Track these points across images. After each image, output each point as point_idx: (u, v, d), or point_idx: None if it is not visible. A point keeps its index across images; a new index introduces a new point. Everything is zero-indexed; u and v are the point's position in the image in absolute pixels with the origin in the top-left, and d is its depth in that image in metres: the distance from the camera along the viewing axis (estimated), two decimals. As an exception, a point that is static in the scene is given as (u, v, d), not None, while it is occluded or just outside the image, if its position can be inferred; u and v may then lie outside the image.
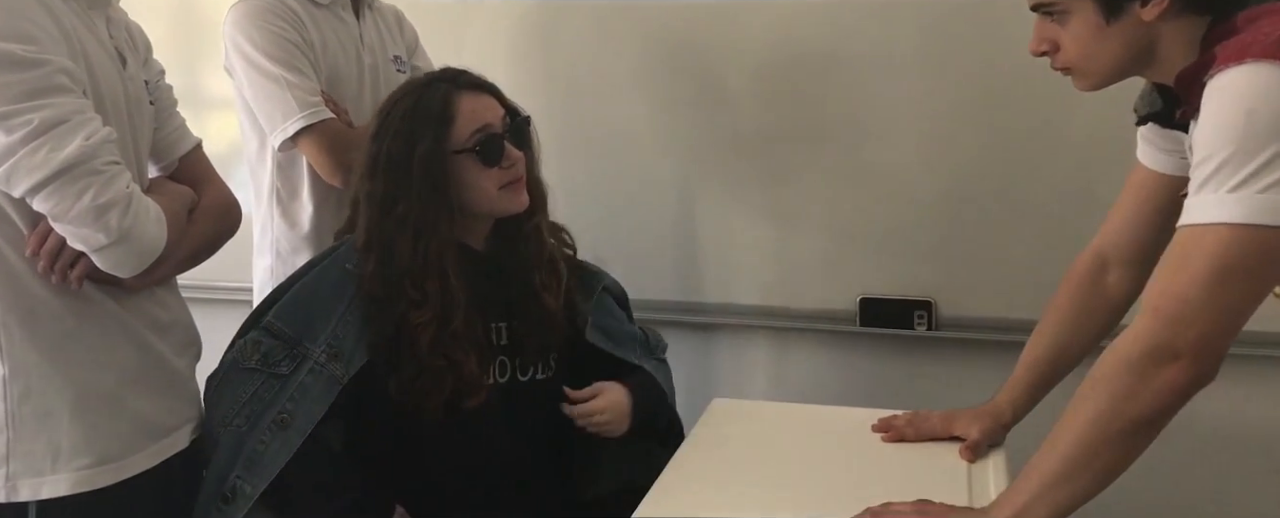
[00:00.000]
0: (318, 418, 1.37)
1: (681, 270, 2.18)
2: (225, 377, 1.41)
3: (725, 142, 2.13)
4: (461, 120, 1.41)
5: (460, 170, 1.41)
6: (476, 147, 1.41)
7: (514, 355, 1.50)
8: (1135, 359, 1.06)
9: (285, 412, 1.36)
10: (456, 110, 1.41)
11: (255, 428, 1.36)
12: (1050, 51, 1.21)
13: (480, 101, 1.44)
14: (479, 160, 1.42)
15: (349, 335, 1.41)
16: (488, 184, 1.43)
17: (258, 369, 1.38)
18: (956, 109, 2.00)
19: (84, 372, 1.24)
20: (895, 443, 1.47)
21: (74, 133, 1.15)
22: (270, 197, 1.86)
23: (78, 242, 1.17)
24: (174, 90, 1.47)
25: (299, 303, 1.43)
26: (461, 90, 1.43)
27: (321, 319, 1.41)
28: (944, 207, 2.03)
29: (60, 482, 1.22)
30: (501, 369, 1.50)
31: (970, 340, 2.04)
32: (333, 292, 1.43)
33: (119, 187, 1.18)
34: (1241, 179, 1.01)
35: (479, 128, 1.42)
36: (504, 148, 1.43)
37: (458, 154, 1.41)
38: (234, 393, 1.38)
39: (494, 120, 1.44)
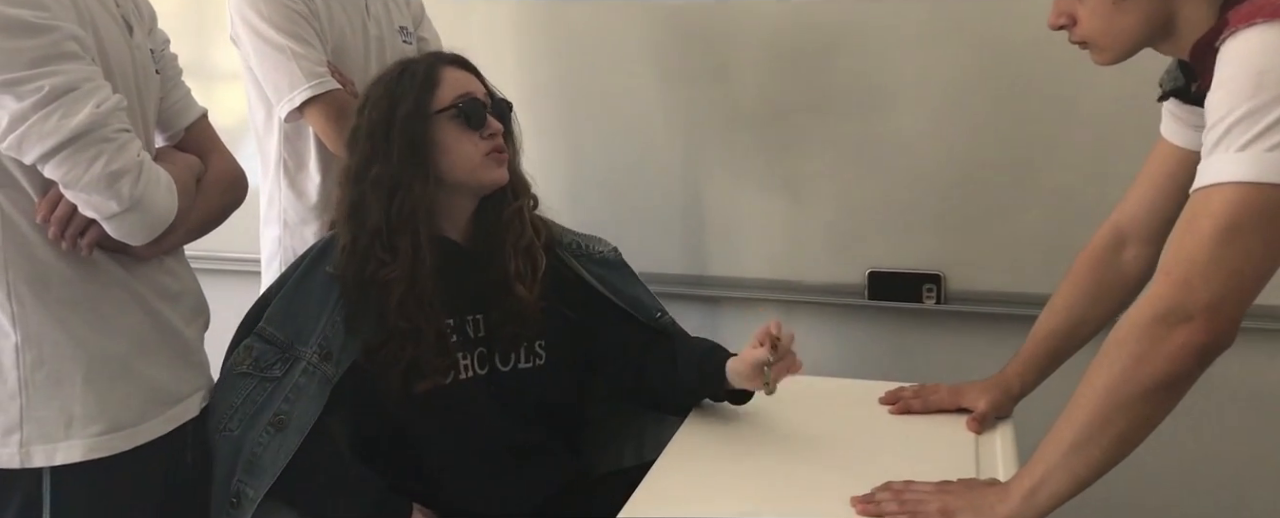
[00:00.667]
0: (314, 417, 1.37)
1: (689, 244, 2.18)
2: (219, 384, 1.41)
3: (733, 115, 2.12)
4: (445, 86, 1.43)
5: (441, 133, 1.42)
6: (459, 105, 1.42)
7: (492, 346, 1.49)
8: (1147, 322, 1.05)
9: (282, 413, 1.36)
10: (440, 77, 1.43)
11: (251, 430, 1.36)
12: (1068, 25, 1.20)
13: (465, 76, 1.46)
14: (461, 122, 1.42)
15: (337, 335, 1.41)
16: (469, 149, 1.42)
17: (250, 374, 1.39)
18: (968, 81, 1.99)
19: (96, 339, 1.24)
20: (902, 415, 1.48)
21: (85, 100, 1.14)
22: (277, 167, 1.86)
23: (89, 209, 1.17)
24: (179, 60, 1.46)
25: (288, 307, 1.43)
26: (448, 63, 1.45)
27: (310, 322, 1.41)
28: (954, 180, 2.02)
29: (73, 448, 1.22)
30: (481, 361, 1.49)
31: (979, 314, 2.04)
32: (319, 294, 1.43)
33: (130, 154, 1.18)
34: (1250, 138, 1.00)
35: (462, 93, 1.43)
36: (486, 115, 1.44)
37: (439, 114, 1.42)
38: (227, 399, 1.39)
39: (477, 90, 1.45)
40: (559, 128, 2.16)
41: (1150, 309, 1.05)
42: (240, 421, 1.37)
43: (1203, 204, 1.03)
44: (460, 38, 2.01)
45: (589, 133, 2.18)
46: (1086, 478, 1.09)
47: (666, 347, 1.53)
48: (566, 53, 2.19)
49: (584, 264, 1.56)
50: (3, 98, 1.13)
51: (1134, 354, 1.05)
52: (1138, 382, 1.05)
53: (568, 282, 1.54)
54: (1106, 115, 1.90)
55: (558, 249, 1.56)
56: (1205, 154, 1.05)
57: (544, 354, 1.52)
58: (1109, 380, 1.07)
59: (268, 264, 1.92)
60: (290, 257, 1.84)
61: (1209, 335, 1.02)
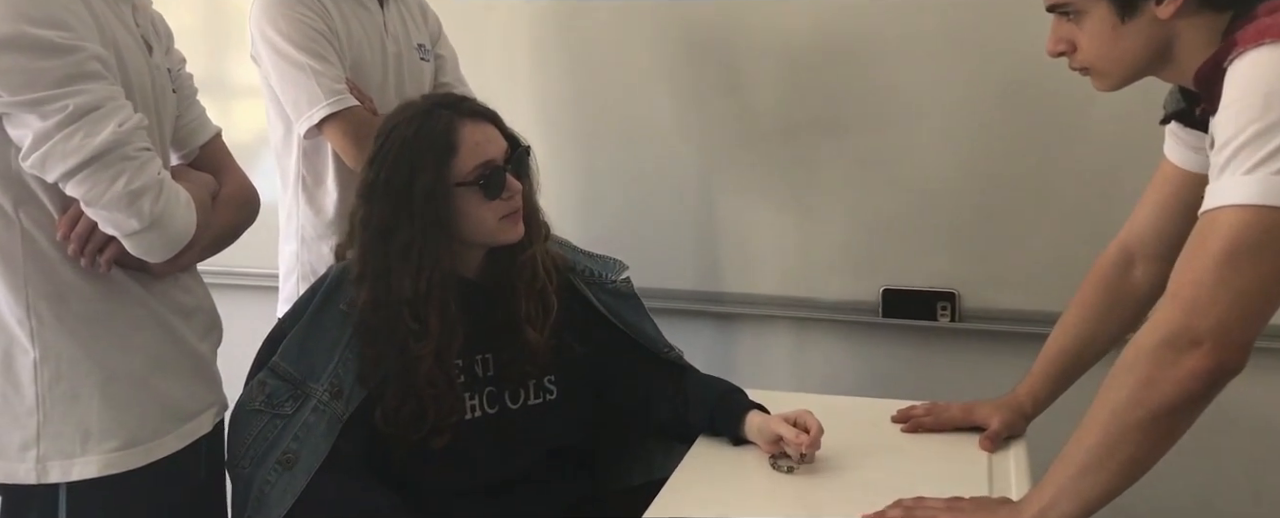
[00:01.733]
0: (323, 456, 1.37)
1: (702, 260, 2.17)
2: (234, 418, 1.41)
3: (747, 131, 2.12)
4: (464, 151, 1.39)
5: (460, 201, 1.39)
6: (479, 179, 1.39)
7: (501, 385, 1.49)
8: (1155, 347, 1.04)
9: (290, 451, 1.37)
10: (459, 140, 1.39)
11: (261, 468, 1.37)
12: (1068, 51, 1.20)
13: (483, 132, 1.41)
14: (480, 193, 1.40)
15: (349, 373, 1.41)
16: (487, 215, 1.41)
17: (262, 410, 1.39)
18: (981, 99, 1.99)
19: (112, 355, 1.25)
20: (915, 434, 1.48)
21: (107, 119, 1.16)
22: (296, 183, 1.87)
23: (110, 227, 1.19)
24: (195, 79, 1.47)
25: (301, 343, 1.42)
26: (464, 119, 1.40)
27: (323, 359, 1.41)
28: (968, 197, 2.02)
29: (90, 464, 1.23)
30: (490, 400, 1.48)
31: (993, 332, 2.03)
32: (332, 331, 1.43)
33: (151, 173, 1.19)
34: (1258, 160, 0.99)
35: (482, 161, 1.39)
36: (505, 180, 1.41)
37: (459, 186, 1.39)
38: (240, 436, 1.39)
39: (496, 154, 1.41)
40: (572, 141, 2.16)
41: (1158, 333, 1.05)
42: (252, 458, 1.37)
43: (1210, 227, 1.03)
44: (476, 53, 2.07)
45: (602, 146, 2.18)
46: (1096, 502, 1.09)
47: (676, 381, 1.53)
48: (581, 66, 2.19)
49: (595, 293, 1.56)
50: (27, 116, 1.15)
51: (1142, 379, 1.04)
52: (1146, 407, 1.05)
53: (578, 310, 1.53)
54: (1120, 132, 1.89)
55: (570, 275, 1.55)
56: (1213, 176, 1.04)
57: (554, 389, 1.52)
58: (1117, 405, 1.06)
59: (285, 279, 1.93)
60: (307, 271, 1.87)
61: (1217, 361, 1.01)
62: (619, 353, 1.55)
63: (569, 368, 1.52)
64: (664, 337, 1.60)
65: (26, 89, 1.13)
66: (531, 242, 1.48)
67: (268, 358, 1.43)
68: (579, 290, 1.55)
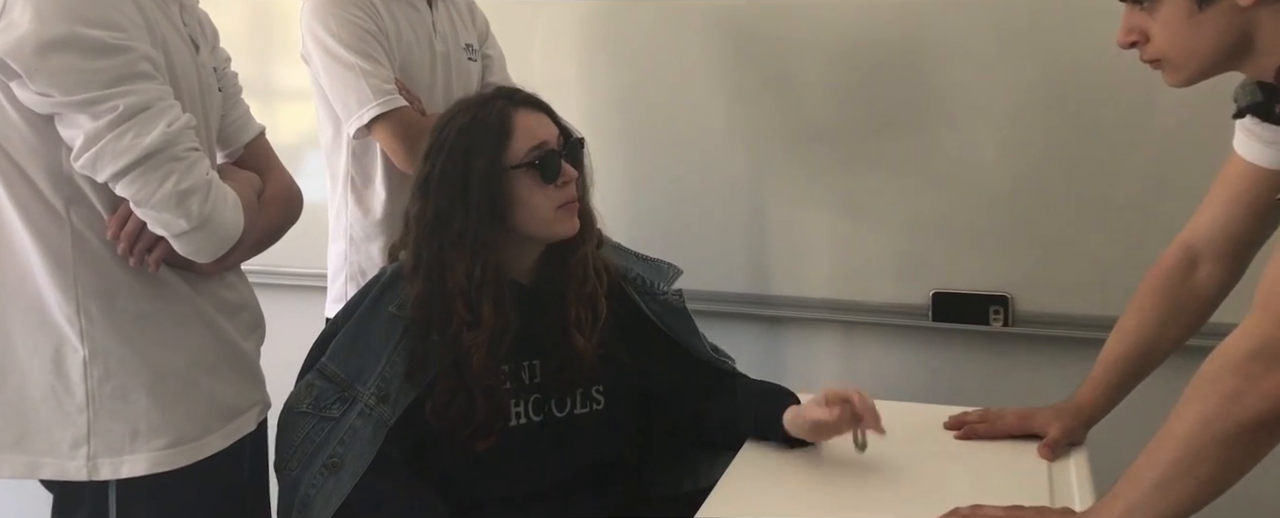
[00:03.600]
0: (368, 461, 1.36)
1: (750, 262, 2.15)
2: (283, 419, 1.41)
3: (796, 131, 2.09)
4: (519, 135, 1.39)
5: (516, 187, 1.39)
6: (535, 160, 1.39)
7: (547, 393, 1.47)
8: (1242, 359, 0.99)
9: (336, 455, 1.36)
10: (514, 125, 1.39)
11: (307, 471, 1.37)
12: (1139, 42, 1.16)
13: (537, 118, 1.42)
14: (537, 176, 1.39)
15: (396, 377, 1.40)
16: (543, 202, 1.40)
17: (310, 413, 1.39)
18: (1036, 97, 1.94)
19: (160, 353, 1.26)
20: (969, 441, 1.44)
21: (157, 119, 1.17)
22: (345, 183, 1.87)
23: (159, 227, 1.19)
24: (240, 78, 1.48)
25: (350, 344, 1.42)
26: (518, 106, 1.41)
27: (372, 362, 1.40)
28: (1022, 198, 1.97)
29: (138, 462, 1.24)
30: (536, 408, 1.47)
31: (1048, 337, 1.98)
32: (382, 333, 1.42)
33: (200, 173, 1.20)
34: None
35: (537, 144, 1.39)
36: (561, 165, 1.40)
37: (515, 169, 1.39)
38: (289, 437, 1.39)
39: (550, 138, 1.41)
40: (619, 142, 2.14)
41: (1245, 344, 1.00)
42: (299, 460, 1.37)
43: None
44: (523, 52, 2.07)
45: (649, 147, 2.16)
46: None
47: (728, 387, 1.51)
48: (628, 66, 2.17)
49: (646, 302, 1.53)
50: (79, 117, 1.15)
51: (1227, 392, 0.99)
52: (1232, 421, 0.99)
53: (628, 318, 1.51)
54: (1177, 129, 1.84)
55: (622, 283, 1.53)
56: None
57: (602, 399, 1.50)
58: (1199, 418, 1.01)
59: (333, 279, 1.94)
60: (355, 271, 1.88)
61: None
62: (670, 362, 1.52)
63: (617, 378, 1.50)
64: (708, 349, 1.57)
65: (78, 89, 1.14)
66: (583, 241, 1.46)
67: (318, 358, 1.43)
68: (630, 298, 1.53)
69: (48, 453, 1.24)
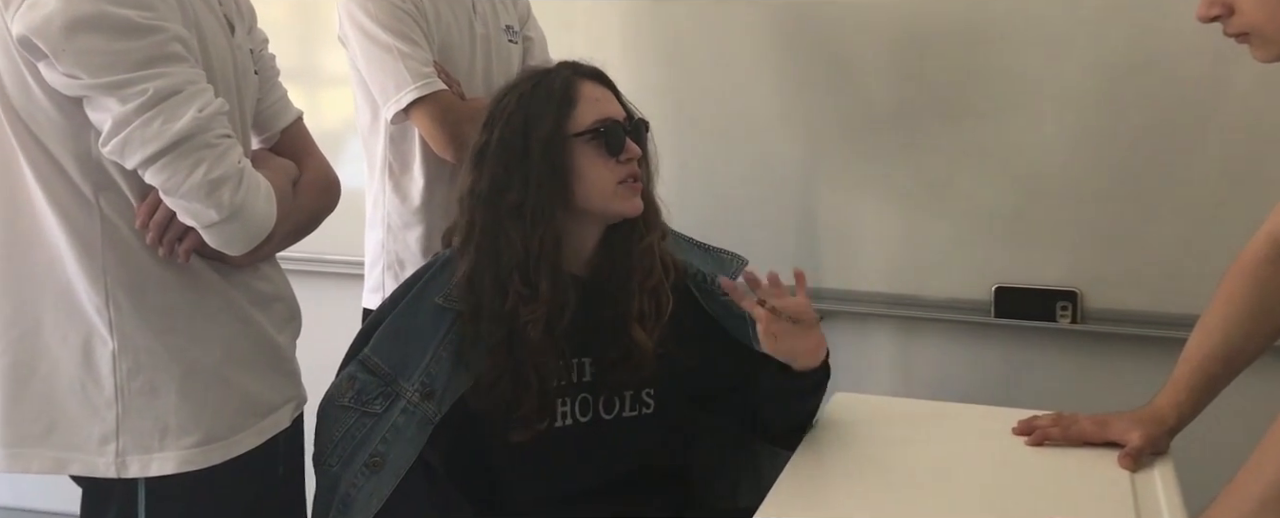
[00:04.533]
0: (411, 460, 1.32)
1: (801, 252, 2.10)
2: (323, 412, 1.37)
3: (851, 118, 2.04)
4: (584, 104, 1.35)
5: (578, 158, 1.34)
6: (599, 128, 1.34)
7: (597, 392, 1.41)
8: None
9: (378, 454, 1.32)
10: (579, 94, 1.35)
11: (348, 469, 1.33)
12: (1223, 15, 1.07)
13: (602, 92, 1.39)
14: (601, 146, 1.34)
15: (442, 373, 1.36)
16: (605, 176, 1.35)
17: (351, 407, 1.34)
18: (1105, 81, 1.87)
19: (190, 347, 1.22)
20: (1040, 447, 1.36)
21: (188, 104, 1.13)
22: (382, 169, 1.83)
23: (189, 217, 1.15)
24: (278, 61, 1.44)
25: (395, 336, 1.37)
26: (583, 78, 1.38)
27: (416, 355, 1.36)
28: (1091, 186, 1.90)
29: (168, 460, 1.20)
30: (583, 408, 1.41)
31: (1120, 336, 1.91)
32: (428, 326, 1.37)
33: (231, 161, 1.15)
34: None
35: (602, 116, 1.35)
36: (625, 139, 1.36)
37: (577, 137, 1.34)
38: (329, 431, 1.35)
39: (616, 113, 1.38)
40: (666, 131, 2.01)
41: None
42: (339, 457, 1.33)
43: None
44: (565, 36, 2.02)
45: (697, 136, 2.12)
46: None
47: None
48: (675, 51, 2.13)
49: (707, 301, 1.47)
50: (107, 100, 1.11)
51: None
52: None
53: (689, 318, 1.45)
54: (1259, 114, 1.77)
55: (682, 277, 1.46)
56: None
57: (652, 403, 1.44)
58: None
59: (371, 268, 1.90)
60: (392, 260, 1.84)
61: None
62: (731, 362, 1.46)
63: (671, 381, 1.44)
64: None
65: (106, 71, 1.10)
66: (650, 230, 1.41)
67: (360, 349, 1.38)
68: (690, 295, 1.47)
69: (76, 448, 1.21)
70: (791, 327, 1.30)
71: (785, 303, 1.31)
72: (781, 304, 1.30)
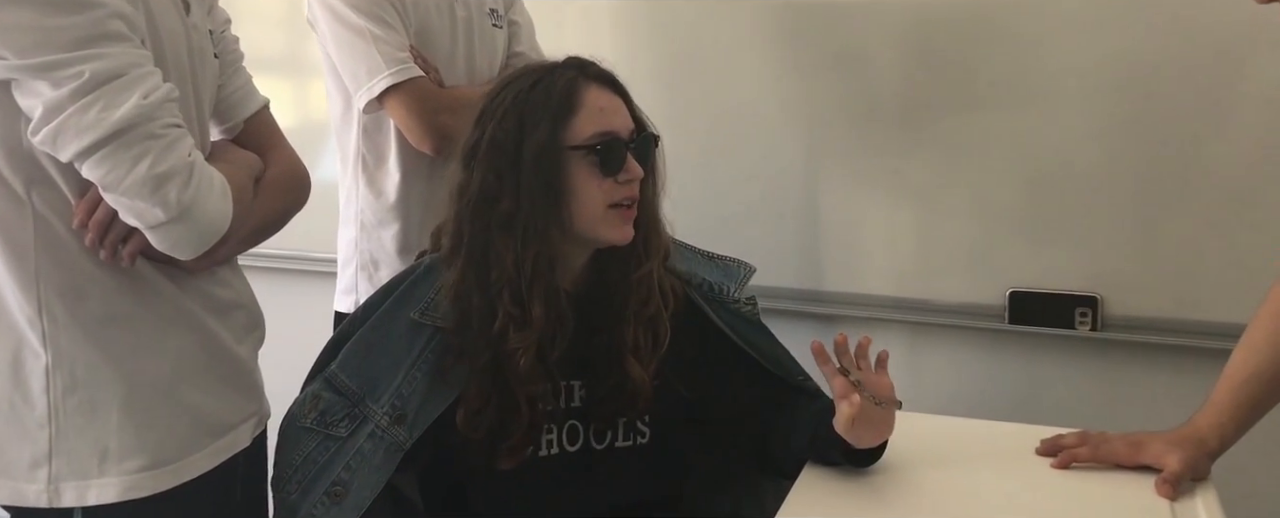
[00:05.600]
0: (376, 490, 1.23)
1: (803, 254, 2.02)
2: (284, 432, 1.29)
3: (857, 110, 1.96)
4: (585, 113, 1.24)
5: (571, 171, 1.23)
6: (597, 146, 1.23)
7: (587, 421, 1.32)
8: None
9: (340, 483, 1.23)
10: (582, 100, 1.24)
11: (307, 498, 1.24)
12: None
13: (609, 100, 1.27)
14: (595, 164, 1.23)
15: (415, 395, 1.26)
16: (596, 195, 1.24)
17: (314, 429, 1.26)
18: (1133, 71, 1.79)
19: (136, 361, 1.12)
20: (1066, 469, 1.27)
21: (130, 89, 1.03)
22: (356, 163, 1.76)
23: (131, 216, 1.06)
24: (263, 48, 1.33)
25: (366, 352, 1.28)
26: (590, 81, 1.27)
27: (387, 374, 1.26)
28: (1114, 184, 1.82)
29: (108, 487, 1.11)
30: (571, 436, 1.32)
31: (1144, 344, 1.82)
32: (402, 342, 1.28)
33: (180, 154, 1.05)
34: None
35: (604, 130, 1.24)
36: (626, 158, 1.25)
37: (572, 150, 1.23)
38: (289, 454, 1.27)
39: (620, 128, 1.26)
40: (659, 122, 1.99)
41: None
42: (299, 483, 1.25)
43: None
44: (554, 22, 1.95)
45: (693, 128, 2.04)
46: None
47: (801, 409, 1.36)
48: (670, 39, 2.05)
49: (717, 312, 1.38)
50: (37, 83, 1.01)
51: None
52: None
53: (695, 331, 1.36)
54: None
55: (689, 293, 1.38)
56: None
57: (648, 432, 1.35)
58: None
59: (343, 268, 1.82)
60: (366, 260, 1.76)
61: None
62: (743, 378, 1.38)
63: (668, 409, 1.34)
64: (799, 365, 1.42)
65: (36, 51, 1.00)
66: (648, 256, 1.30)
67: (327, 364, 1.30)
68: (697, 308, 1.37)
69: (2, 474, 1.11)
70: (871, 408, 1.19)
71: (873, 381, 1.19)
72: (868, 382, 1.19)
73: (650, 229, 1.30)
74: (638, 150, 1.27)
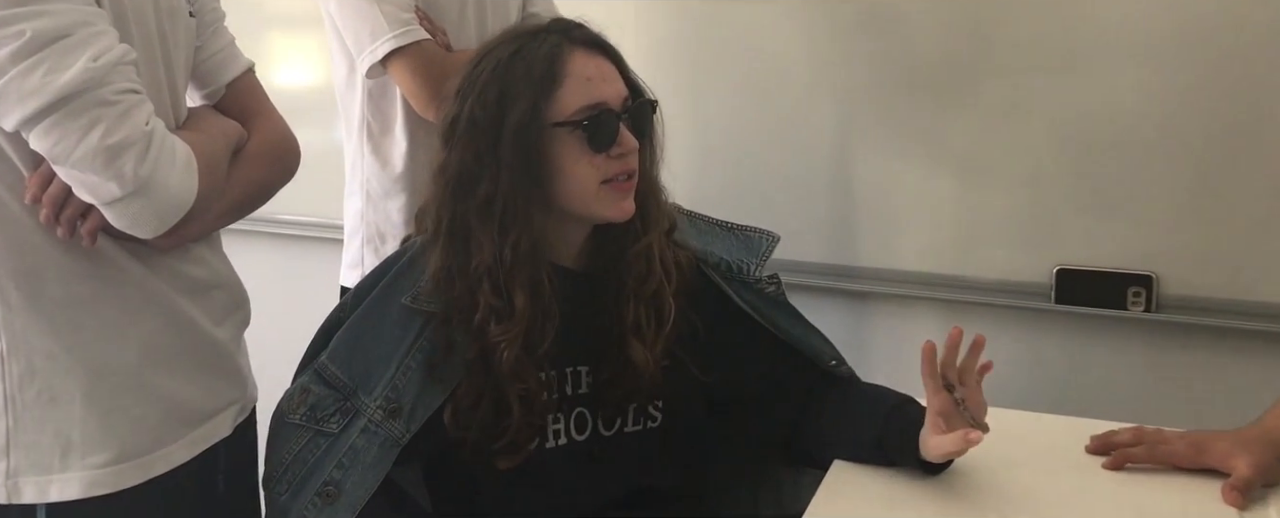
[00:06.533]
0: (371, 489, 1.17)
1: (833, 227, 1.95)
2: (272, 430, 1.24)
3: (895, 74, 1.88)
4: (570, 85, 1.16)
5: (558, 149, 1.16)
6: (584, 121, 1.15)
7: (595, 407, 1.25)
8: None
9: (332, 482, 1.17)
10: (566, 70, 1.16)
11: (298, 499, 1.18)
12: None
13: (598, 66, 1.19)
14: (583, 140, 1.16)
15: (410, 386, 1.19)
16: (588, 174, 1.16)
17: (304, 425, 1.20)
18: (1194, 31, 1.69)
19: (100, 347, 1.06)
20: (1120, 471, 1.18)
21: (77, 50, 0.95)
22: (360, 131, 1.72)
23: (85, 191, 0.98)
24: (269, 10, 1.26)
25: (356, 342, 1.22)
26: (575, 46, 1.18)
27: (380, 365, 1.20)
28: (1171, 154, 1.73)
29: (70, 482, 1.05)
30: (578, 424, 1.25)
31: (1203, 327, 1.73)
32: (394, 330, 1.21)
33: (136, 122, 0.98)
34: None
35: (592, 102, 1.16)
36: (618, 131, 1.17)
37: (557, 128, 1.15)
38: (279, 451, 1.21)
39: (611, 97, 1.18)
40: (684, 87, 1.96)
41: None
42: (289, 483, 1.19)
43: None
44: None
45: (718, 93, 1.98)
46: None
47: (836, 396, 1.28)
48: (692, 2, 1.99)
49: (737, 290, 1.30)
50: None
51: None
52: None
53: (712, 311, 1.29)
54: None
55: (703, 270, 1.30)
56: None
57: (659, 416, 1.28)
58: None
59: (349, 241, 1.79)
60: (372, 233, 1.73)
61: None
62: (769, 361, 1.30)
63: (681, 391, 1.27)
64: (832, 347, 1.34)
65: None
66: (647, 229, 1.23)
67: (317, 354, 1.24)
68: (714, 286, 1.29)
69: None
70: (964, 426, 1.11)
71: (975, 401, 1.12)
72: (971, 402, 1.11)
73: (649, 201, 1.23)
74: (632, 119, 1.19)
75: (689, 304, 1.25)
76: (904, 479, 1.18)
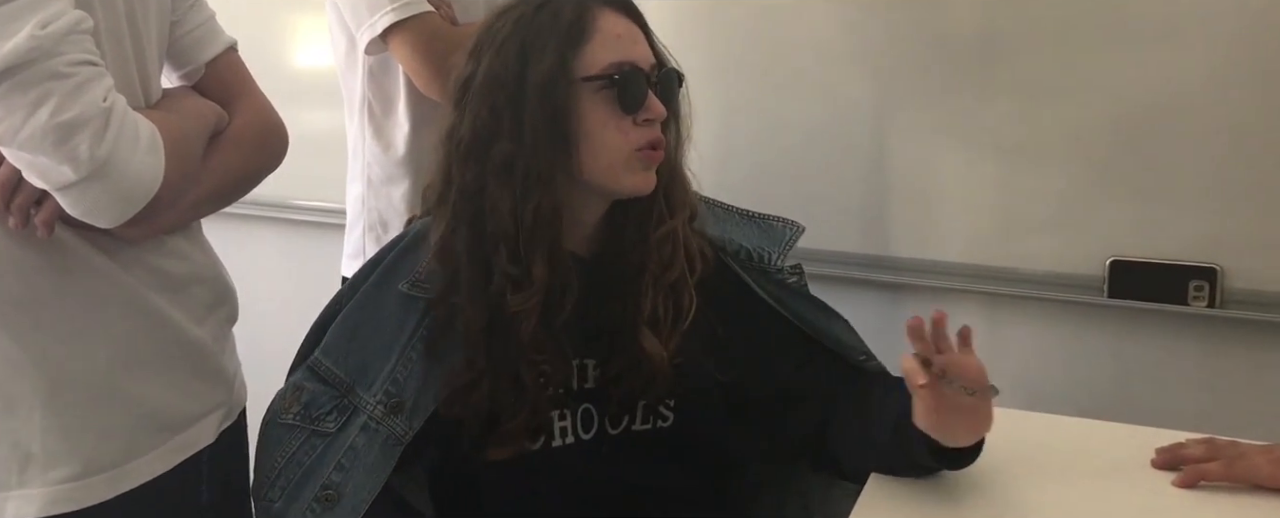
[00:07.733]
0: (374, 491, 1.12)
1: (868, 214, 1.88)
2: (264, 433, 1.19)
3: (935, 51, 1.79)
4: (600, 40, 1.12)
5: (584, 109, 1.11)
6: (614, 76, 1.11)
7: (603, 404, 1.19)
8: None
9: (331, 485, 1.12)
10: (595, 26, 1.13)
11: (294, 504, 1.13)
12: None
13: (626, 27, 1.15)
14: (613, 99, 1.11)
15: (412, 379, 1.15)
16: (616, 139, 1.11)
17: (298, 425, 1.15)
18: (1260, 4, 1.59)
19: (62, 350, 0.99)
20: (1192, 489, 1.10)
21: (20, 17, 0.87)
22: (361, 111, 1.67)
23: (35, 175, 0.91)
24: None
25: (352, 334, 1.17)
26: (604, 5, 1.15)
27: (379, 358, 1.15)
28: (1238, 135, 1.63)
29: (30, 499, 0.98)
30: (584, 422, 1.19)
31: (1272, 324, 1.64)
32: (393, 319, 1.17)
33: (92, 97, 0.90)
34: None
35: (622, 59, 1.12)
36: (647, 93, 1.12)
37: (586, 82, 1.10)
38: (270, 456, 1.16)
39: (640, 58, 1.14)
40: (710, 68, 1.89)
41: None
42: (283, 489, 1.14)
43: None
44: None
45: (746, 73, 1.91)
46: None
47: (865, 393, 1.21)
48: None
49: (759, 282, 1.25)
50: None
51: None
52: None
53: (733, 305, 1.24)
54: None
55: (723, 259, 1.24)
56: None
57: (671, 415, 1.22)
58: None
59: (350, 229, 1.73)
60: (375, 221, 1.67)
61: None
62: (795, 359, 1.24)
63: (698, 390, 1.21)
64: (861, 341, 1.28)
65: None
66: (673, 212, 1.18)
67: (311, 350, 1.20)
68: (734, 276, 1.24)
69: None
70: (960, 399, 1.00)
71: (959, 365, 1.00)
72: (954, 366, 1.00)
73: (673, 181, 1.18)
74: (660, 87, 1.14)
75: (708, 299, 1.19)
76: (946, 495, 1.09)
